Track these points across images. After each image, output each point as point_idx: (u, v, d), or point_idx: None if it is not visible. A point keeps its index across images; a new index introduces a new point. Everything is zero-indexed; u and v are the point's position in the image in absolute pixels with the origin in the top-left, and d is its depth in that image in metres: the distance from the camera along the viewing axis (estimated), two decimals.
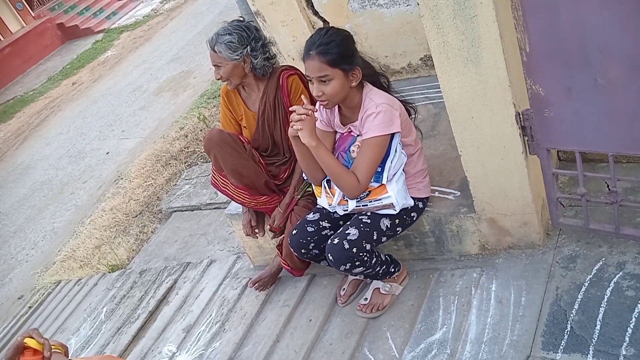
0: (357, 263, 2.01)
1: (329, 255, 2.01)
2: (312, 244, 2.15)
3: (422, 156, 2.17)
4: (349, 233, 2.00)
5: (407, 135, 2.04)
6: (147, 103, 7.43)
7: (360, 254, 2.00)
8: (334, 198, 2.08)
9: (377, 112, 1.91)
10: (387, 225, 2.08)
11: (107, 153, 6.85)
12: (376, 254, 2.13)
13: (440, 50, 1.74)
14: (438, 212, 2.23)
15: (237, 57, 2.25)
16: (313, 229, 2.14)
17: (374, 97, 1.96)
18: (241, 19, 2.38)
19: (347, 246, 1.97)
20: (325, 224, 2.17)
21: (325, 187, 2.13)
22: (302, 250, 2.17)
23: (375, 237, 2.05)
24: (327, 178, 2.10)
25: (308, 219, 2.20)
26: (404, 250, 2.41)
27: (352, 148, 2.06)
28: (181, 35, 10.17)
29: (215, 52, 2.25)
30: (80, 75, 11.46)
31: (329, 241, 2.03)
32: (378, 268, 2.14)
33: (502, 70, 1.69)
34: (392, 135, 1.95)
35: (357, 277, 2.41)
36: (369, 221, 2.04)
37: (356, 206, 2.06)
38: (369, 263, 2.06)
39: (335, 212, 2.14)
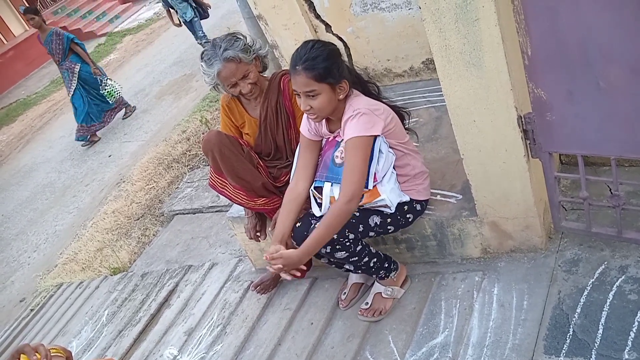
0: (337, 247, 2.01)
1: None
2: None
3: (419, 159, 2.17)
4: None
5: (399, 137, 2.05)
6: (150, 106, 7.44)
7: (342, 239, 2.00)
8: (323, 202, 2.08)
9: (354, 115, 1.92)
10: (376, 222, 2.09)
11: (110, 156, 6.86)
12: (363, 244, 2.11)
13: (442, 53, 1.74)
14: (440, 215, 2.23)
15: (253, 59, 2.27)
16: (316, 222, 2.13)
17: (354, 103, 1.97)
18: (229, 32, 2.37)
19: None
20: None
21: (313, 195, 2.13)
22: None
23: (361, 230, 2.06)
24: (314, 185, 2.11)
25: (311, 212, 2.20)
26: (406, 253, 2.40)
27: (335, 154, 2.07)
28: (183, 39, 10.17)
29: (239, 60, 2.21)
30: None
31: (311, 226, 2.04)
32: (367, 259, 2.12)
33: (504, 74, 1.69)
34: (374, 139, 1.95)
35: (358, 281, 2.41)
36: (358, 214, 2.05)
37: None
38: (353, 250, 2.06)
39: None
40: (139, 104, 7.92)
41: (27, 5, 14.91)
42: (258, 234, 2.60)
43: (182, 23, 7.60)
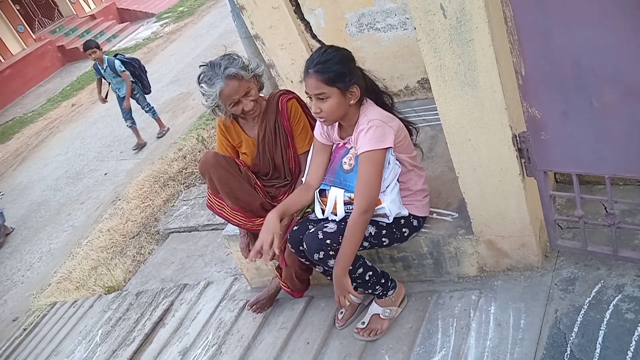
0: (330, 253, 2.01)
1: (304, 243, 2.04)
2: None
3: (423, 177, 2.19)
4: (327, 226, 2.04)
5: (407, 151, 2.07)
6: (146, 124, 7.46)
7: (335, 245, 2.00)
8: (326, 207, 2.11)
9: (369, 128, 1.94)
10: (370, 232, 2.09)
11: (105, 174, 6.85)
12: (357, 256, 2.09)
13: (437, 73, 1.76)
14: (436, 233, 2.23)
15: (252, 77, 2.28)
16: (314, 227, 2.13)
17: (368, 113, 2.00)
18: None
19: (321, 236, 2.00)
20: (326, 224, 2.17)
21: (317, 197, 2.18)
22: (300, 247, 2.16)
23: None
24: (320, 188, 2.17)
25: (310, 218, 2.22)
26: (402, 272, 2.40)
27: (344, 159, 2.10)
28: (180, 58, 10.27)
29: (241, 77, 2.23)
30: (80, 97, 11.53)
31: (307, 231, 2.06)
32: (361, 270, 2.11)
33: (498, 94, 1.71)
34: (385, 150, 1.97)
35: (356, 301, 2.39)
36: None
37: (346, 215, 2.07)
38: None
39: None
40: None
41: (25, 23, 15.11)
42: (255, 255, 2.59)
43: (117, 98, 6.83)
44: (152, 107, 7.00)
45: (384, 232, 2.12)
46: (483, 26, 1.60)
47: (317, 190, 2.18)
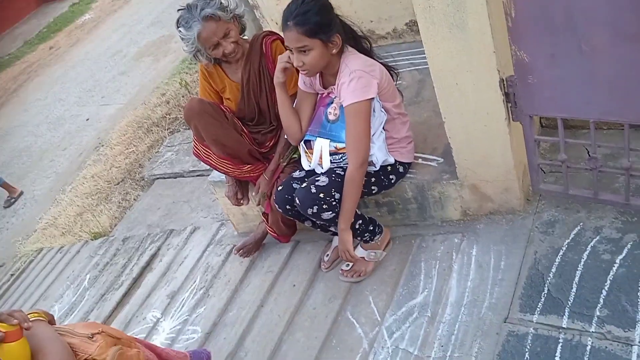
0: (324, 207, 2.02)
1: (297, 198, 2.04)
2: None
3: (407, 123, 2.19)
4: (318, 179, 2.04)
5: (391, 99, 2.05)
6: (127, 68, 7.28)
7: (328, 199, 2.01)
8: (312, 158, 2.11)
9: (351, 79, 1.91)
10: None
11: (87, 119, 6.73)
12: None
13: (426, 15, 1.72)
14: (421, 178, 2.24)
15: (231, 18, 2.21)
16: (304, 183, 2.14)
17: (350, 63, 1.96)
18: None
19: (314, 190, 2.00)
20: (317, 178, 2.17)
21: (303, 148, 2.16)
22: (287, 207, 2.18)
23: None
24: (305, 139, 2.15)
25: (294, 176, 2.22)
26: (387, 216, 2.43)
27: (329, 110, 2.08)
28: None
29: (218, 18, 2.15)
30: (58, 40, 11.16)
31: (299, 186, 2.07)
32: (352, 220, 2.13)
33: (487, 36, 1.67)
34: (371, 100, 1.95)
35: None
36: (342, 173, 2.05)
37: (331, 165, 2.08)
38: (339, 209, 2.06)
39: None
40: (116, 65, 7.74)
41: None
42: (241, 200, 2.59)
43: None
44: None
45: (372, 179, 2.12)
46: None
47: (303, 142, 2.16)
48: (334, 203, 2.03)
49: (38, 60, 10.49)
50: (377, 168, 2.10)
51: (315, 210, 2.03)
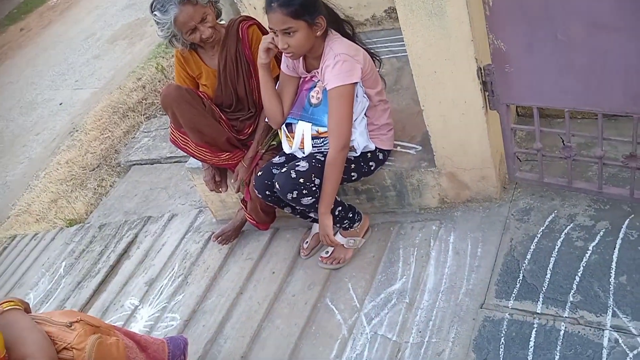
0: (304, 192, 2.01)
1: (276, 183, 2.03)
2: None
3: (388, 110, 2.19)
4: (298, 164, 2.03)
5: (373, 86, 2.05)
6: (102, 52, 7.11)
7: (308, 184, 2.00)
8: (293, 141, 2.10)
9: (335, 63, 1.91)
10: None
11: (60, 104, 6.58)
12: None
13: (405, 2, 1.72)
14: (399, 166, 2.25)
15: (207, 2, 2.17)
16: (284, 168, 2.13)
17: (334, 46, 1.95)
18: None
19: (294, 175, 2.00)
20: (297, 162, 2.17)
21: (284, 131, 2.15)
22: (267, 192, 2.17)
23: None
24: (287, 122, 2.14)
25: (274, 161, 2.21)
26: (366, 203, 2.44)
27: (312, 93, 2.07)
28: None
29: (195, 2, 2.12)
30: (29, 21, 10.81)
31: (278, 171, 2.06)
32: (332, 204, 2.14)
33: (465, 25, 1.68)
34: (354, 85, 1.95)
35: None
36: (322, 158, 2.05)
37: (313, 150, 2.08)
38: (319, 195, 2.06)
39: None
40: (90, 48, 7.56)
41: None
42: (220, 187, 2.58)
43: None
44: None
45: (352, 166, 2.13)
46: None
47: (284, 125, 2.15)
48: (314, 188, 2.03)
49: (8, 42, 10.16)
50: (358, 154, 2.10)
51: (295, 196, 2.02)
